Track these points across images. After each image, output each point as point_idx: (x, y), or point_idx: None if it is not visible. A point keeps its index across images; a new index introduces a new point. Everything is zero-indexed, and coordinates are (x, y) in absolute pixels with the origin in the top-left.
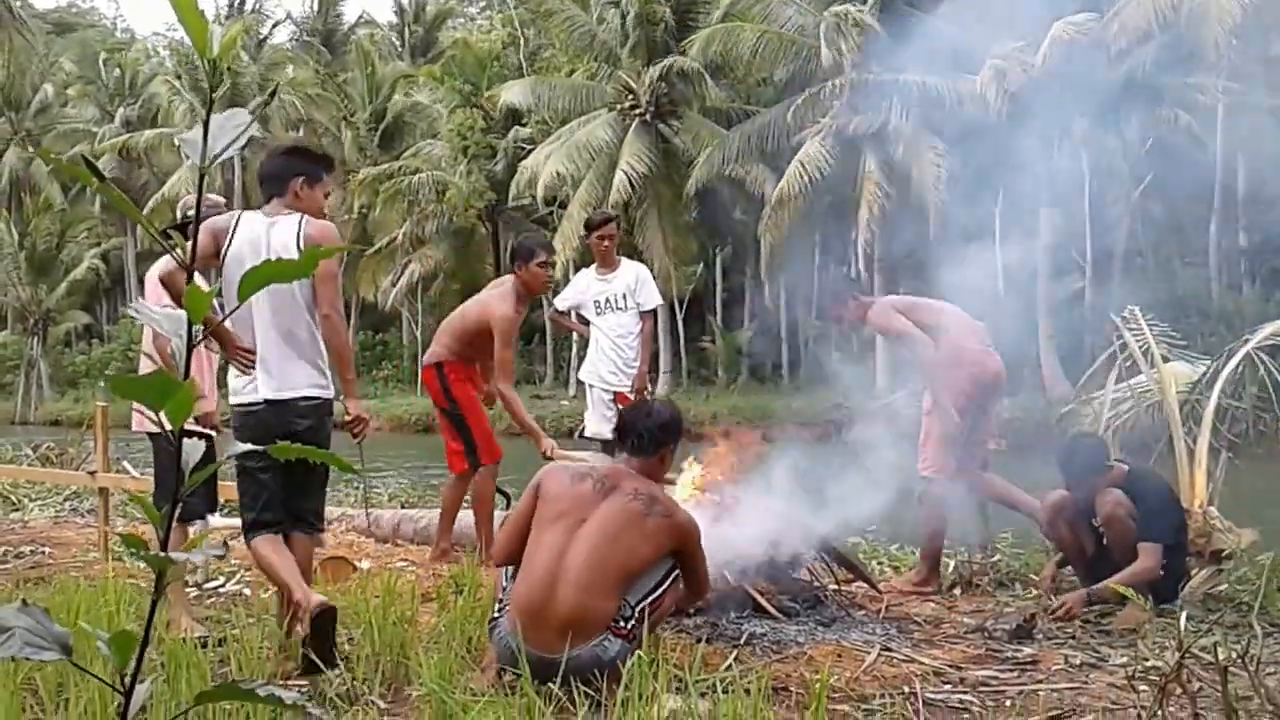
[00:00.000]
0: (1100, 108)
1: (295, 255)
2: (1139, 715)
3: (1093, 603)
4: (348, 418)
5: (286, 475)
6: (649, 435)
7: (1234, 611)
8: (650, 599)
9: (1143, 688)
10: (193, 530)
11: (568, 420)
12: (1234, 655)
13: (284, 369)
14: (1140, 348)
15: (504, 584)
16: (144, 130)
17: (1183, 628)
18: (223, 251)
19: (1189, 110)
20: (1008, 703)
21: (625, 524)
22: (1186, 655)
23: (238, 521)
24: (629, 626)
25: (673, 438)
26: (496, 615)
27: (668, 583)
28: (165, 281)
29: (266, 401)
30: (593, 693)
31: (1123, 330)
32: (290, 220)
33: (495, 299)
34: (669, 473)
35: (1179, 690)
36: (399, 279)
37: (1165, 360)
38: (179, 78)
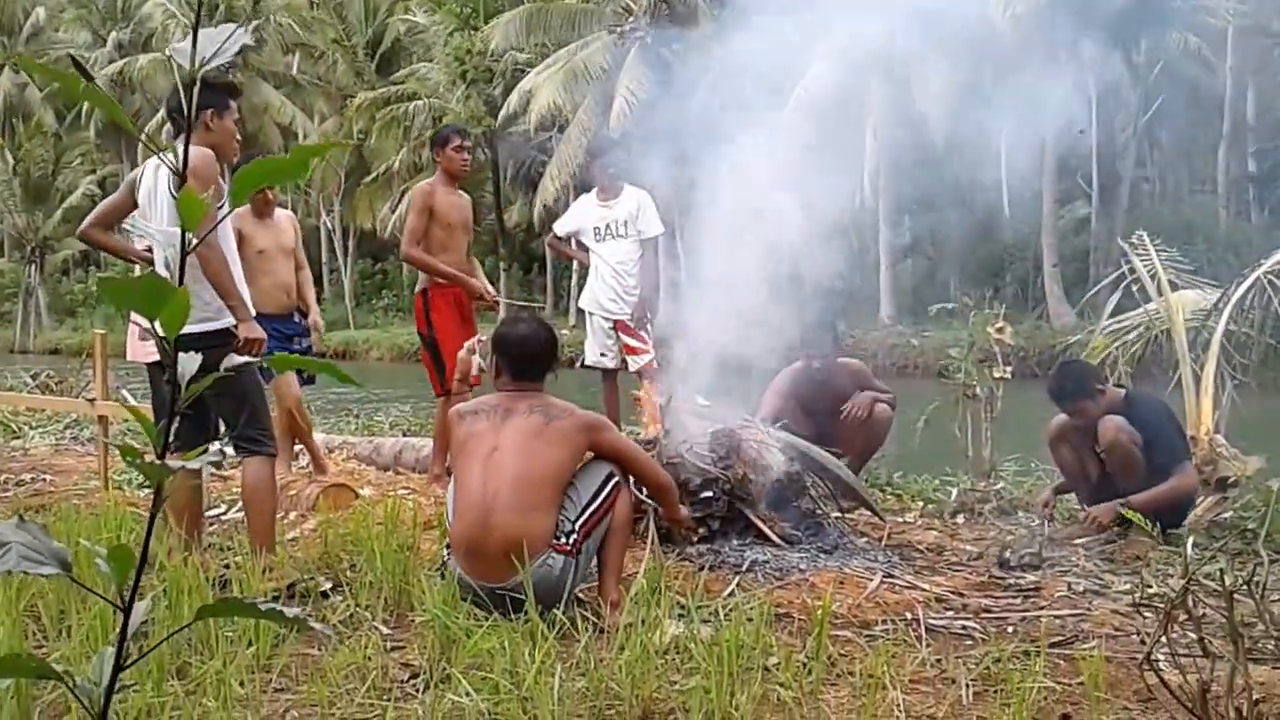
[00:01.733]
0: (1108, 30)
1: (169, 193)
2: (1142, 641)
3: (1122, 519)
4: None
5: (195, 398)
6: (539, 357)
7: (1239, 539)
8: (590, 510)
9: (1146, 614)
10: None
11: (569, 349)
12: (1239, 581)
13: None
14: (1149, 274)
15: (450, 523)
16: (139, 55)
17: (1188, 554)
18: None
19: (1198, 34)
20: (1010, 629)
21: (532, 437)
22: (1192, 581)
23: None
24: (571, 541)
25: (551, 357)
26: (446, 557)
27: (607, 490)
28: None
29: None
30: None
31: (1131, 256)
32: (169, 157)
33: (415, 188)
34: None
35: (1184, 616)
36: (397, 206)
37: (1173, 287)
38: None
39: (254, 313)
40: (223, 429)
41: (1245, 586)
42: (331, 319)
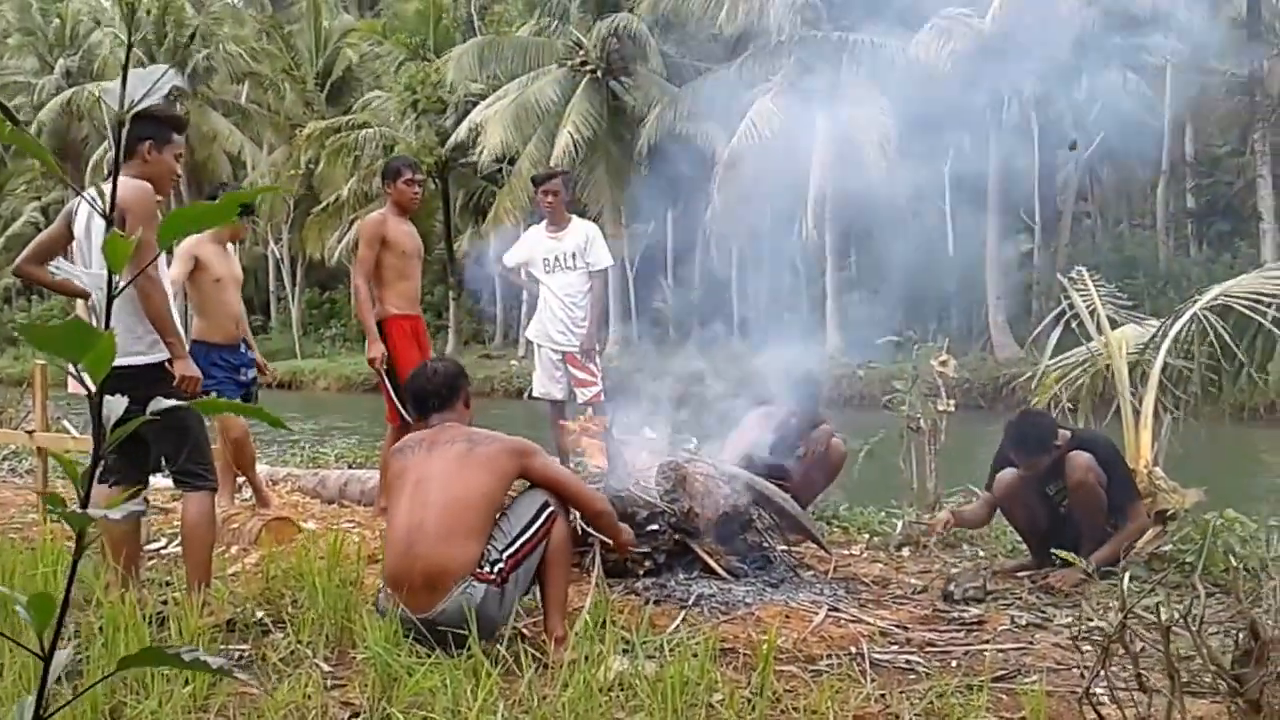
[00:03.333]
0: (1049, 68)
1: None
2: (1082, 675)
3: (1099, 573)
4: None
5: (132, 432)
6: (442, 391)
7: (1177, 571)
8: (521, 540)
9: (1086, 648)
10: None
11: (517, 380)
12: (1176, 615)
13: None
14: (1088, 309)
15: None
16: (85, 83)
17: (1125, 588)
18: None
19: (1137, 71)
20: (954, 663)
21: (456, 465)
22: (1130, 615)
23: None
24: (496, 571)
25: (464, 381)
26: (380, 590)
27: (540, 521)
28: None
29: None
30: (475, 643)
31: (1070, 292)
32: (108, 189)
33: (365, 219)
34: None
35: (1121, 650)
36: (345, 236)
37: (1112, 323)
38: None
39: (207, 342)
40: (163, 463)
41: (1182, 620)
42: (278, 348)
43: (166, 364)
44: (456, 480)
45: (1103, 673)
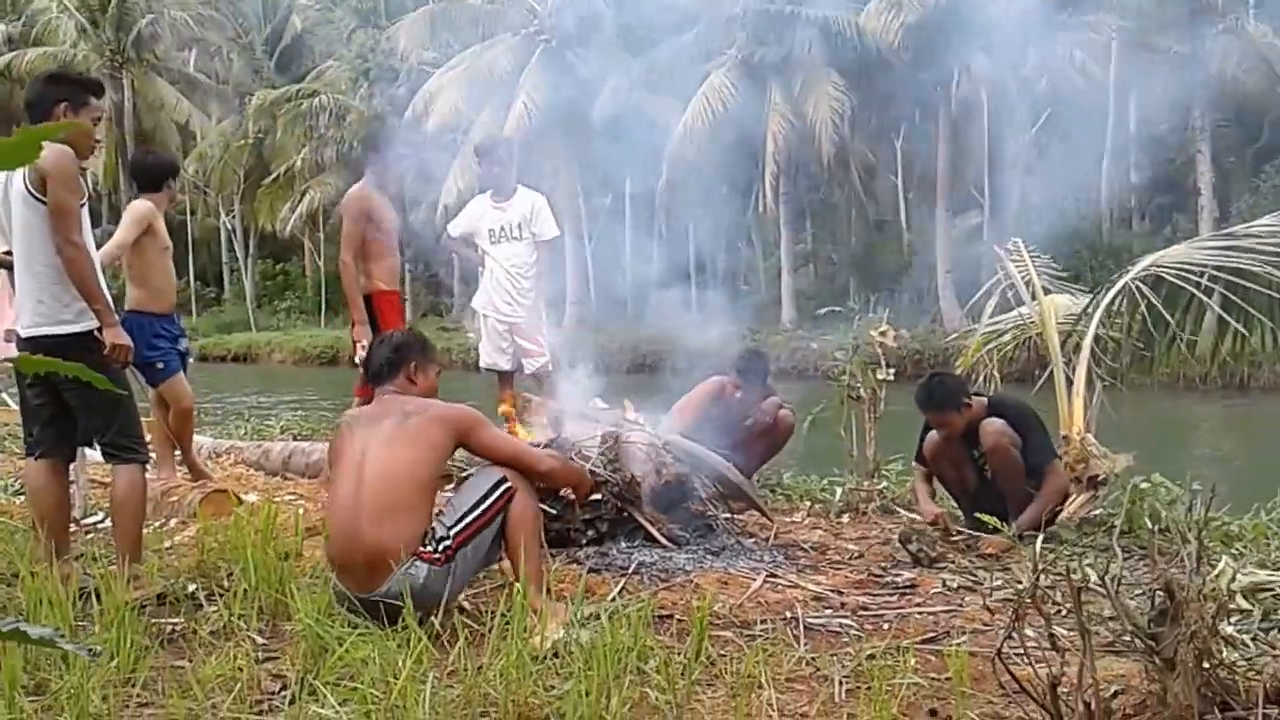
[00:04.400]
0: (997, 45)
1: (24, 190)
2: (1010, 636)
3: (1022, 537)
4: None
5: (59, 403)
6: (387, 360)
7: (1106, 535)
8: (470, 516)
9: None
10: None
11: (474, 352)
12: (1090, 577)
13: (30, 306)
14: (1023, 279)
15: None
16: (27, 50)
17: (1038, 551)
18: None
19: (1082, 47)
20: (885, 626)
21: (391, 439)
22: (1057, 577)
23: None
24: (441, 549)
25: (411, 353)
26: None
27: (493, 497)
28: None
29: (27, 339)
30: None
31: (1005, 262)
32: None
33: (349, 195)
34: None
35: (1034, 611)
36: (298, 206)
37: (1047, 292)
38: None
39: (151, 312)
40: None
41: (1100, 581)
42: (232, 320)
43: (96, 333)
44: (389, 456)
45: (1015, 634)
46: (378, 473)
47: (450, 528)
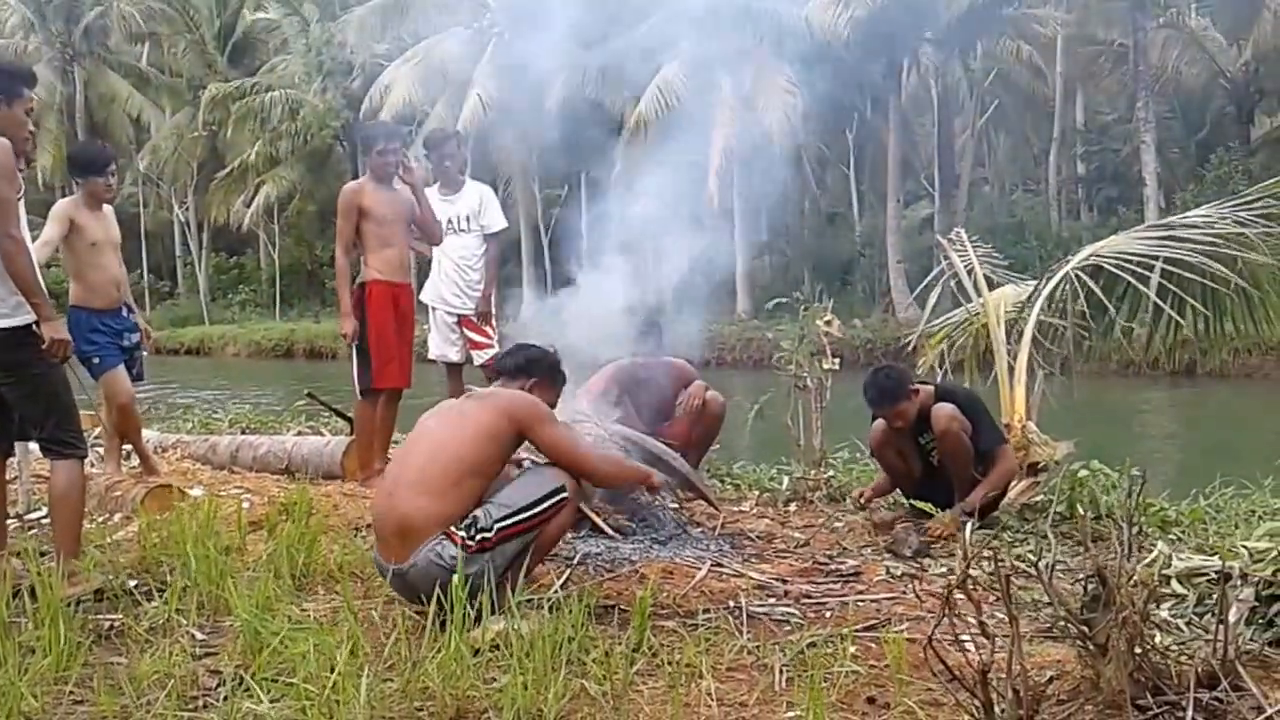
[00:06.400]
0: (945, 36)
1: None
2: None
3: (966, 518)
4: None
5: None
6: (515, 365)
7: (1046, 521)
8: (520, 516)
9: (959, 597)
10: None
11: (423, 346)
12: (1018, 562)
13: None
14: (966, 270)
15: None
16: None
17: (968, 539)
18: None
19: (1029, 41)
20: (827, 614)
21: (449, 420)
22: (977, 563)
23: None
24: (478, 539)
25: (535, 370)
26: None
27: (548, 503)
28: None
29: None
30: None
31: (949, 253)
32: None
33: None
34: None
35: (965, 597)
36: (252, 200)
37: (991, 283)
38: None
39: (87, 307)
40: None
41: (1034, 567)
42: (187, 314)
43: (34, 327)
44: (439, 434)
45: (947, 619)
46: (424, 447)
47: (496, 520)
